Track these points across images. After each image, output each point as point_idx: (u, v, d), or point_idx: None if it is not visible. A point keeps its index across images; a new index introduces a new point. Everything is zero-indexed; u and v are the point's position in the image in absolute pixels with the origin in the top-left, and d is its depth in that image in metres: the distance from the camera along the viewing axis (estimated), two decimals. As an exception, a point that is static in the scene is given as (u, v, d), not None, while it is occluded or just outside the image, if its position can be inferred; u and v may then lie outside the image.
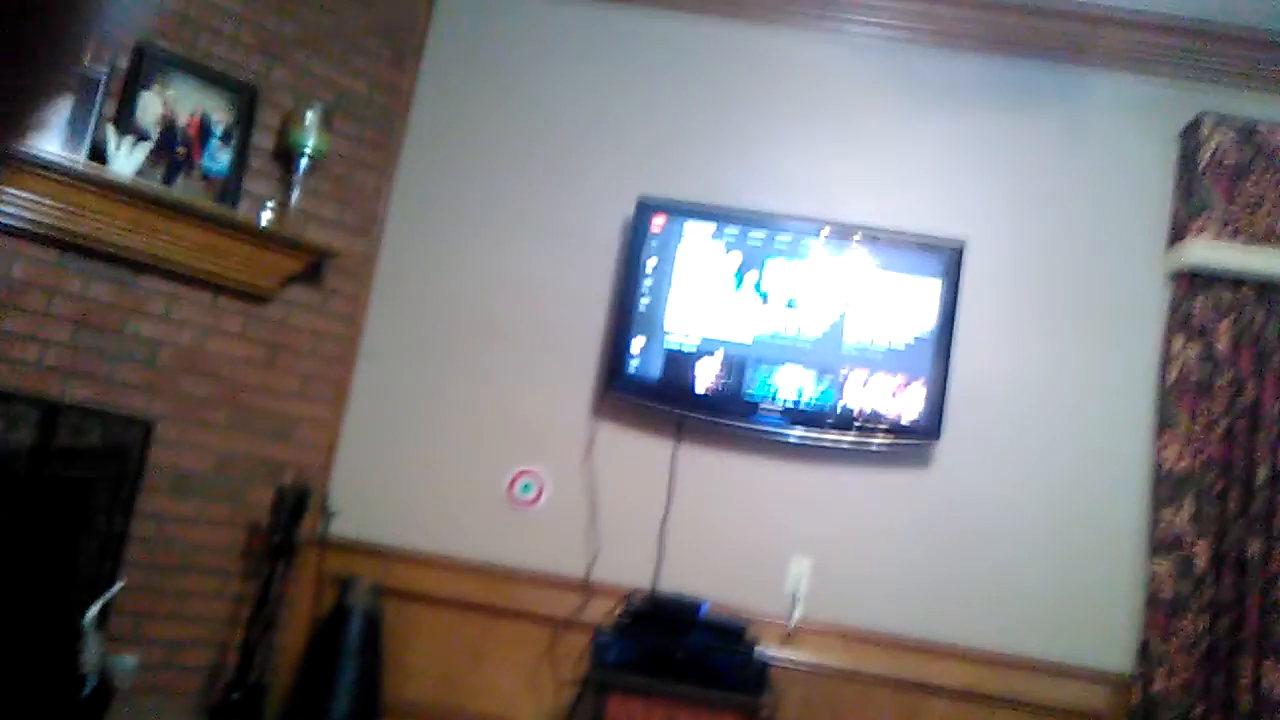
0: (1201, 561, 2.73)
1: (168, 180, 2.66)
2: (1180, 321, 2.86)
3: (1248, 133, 2.85)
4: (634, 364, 2.89)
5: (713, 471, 2.95)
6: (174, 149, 2.69)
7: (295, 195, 2.86)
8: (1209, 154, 2.86)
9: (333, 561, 2.92)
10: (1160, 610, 2.74)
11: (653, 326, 2.89)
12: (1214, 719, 2.68)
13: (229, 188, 2.77)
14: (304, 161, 2.85)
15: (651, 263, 2.92)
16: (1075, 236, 2.99)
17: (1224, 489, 2.77)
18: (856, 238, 2.88)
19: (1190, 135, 2.95)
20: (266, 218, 2.77)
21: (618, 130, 3.10)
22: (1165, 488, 2.80)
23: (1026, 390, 2.94)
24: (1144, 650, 2.75)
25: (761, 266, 2.88)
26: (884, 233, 2.90)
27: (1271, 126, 2.85)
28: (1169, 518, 2.77)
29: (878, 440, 2.83)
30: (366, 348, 3.09)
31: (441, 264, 3.12)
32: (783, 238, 2.89)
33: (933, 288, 2.85)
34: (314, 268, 2.92)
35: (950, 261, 2.86)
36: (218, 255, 2.69)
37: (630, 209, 2.97)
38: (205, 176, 2.74)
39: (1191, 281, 2.86)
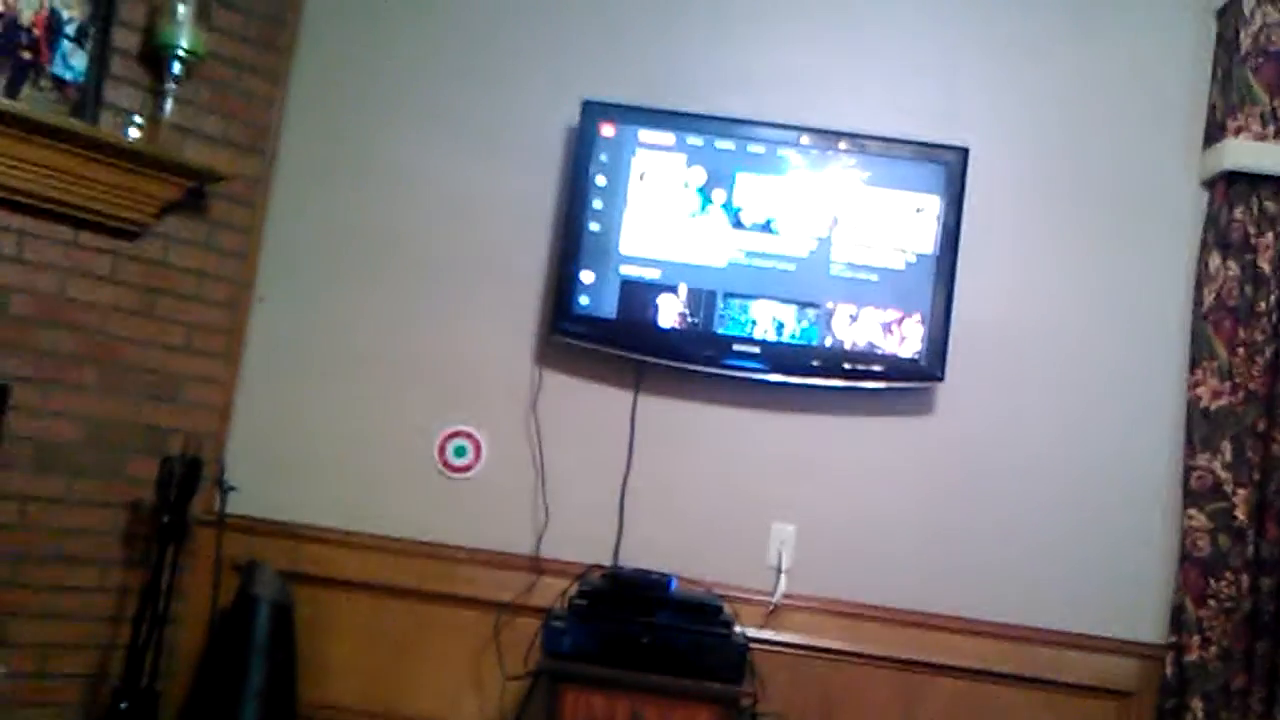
0: (1242, 513, 2.76)
1: (10, 91, 2.59)
2: (1217, 236, 2.86)
3: (1297, 12, 2.84)
4: (584, 299, 2.87)
5: (680, 425, 2.95)
6: (16, 52, 2.61)
7: (168, 107, 2.80)
8: (1251, 37, 2.85)
9: (233, 544, 2.90)
10: (1195, 570, 2.77)
11: (605, 254, 2.87)
12: (1256, 691, 2.72)
13: (87, 98, 2.70)
14: (177, 65, 2.79)
15: (601, 179, 2.89)
16: (1094, 139, 2.99)
17: (1267, 429, 2.79)
18: (842, 146, 2.87)
19: (1229, 14, 2.93)
20: (134, 134, 2.71)
21: (558, 18, 3.06)
22: (1200, 429, 2.82)
23: (1041, 321, 2.95)
24: (1177, 616, 2.79)
25: (731, 182, 2.86)
26: (874, 140, 2.88)
27: (1324, 4, 2.84)
28: (1205, 463, 2.80)
29: (870, 383, 2.85)
30: (262, 288, 3.05)
31: (350, 185, 3.07)
32: (755, 148, 2.87)
33: (931, 204, 2.85)
34: (195, 195, 2.86)
35: (951, 172, 2.85)
36: (76, 182, 2.62)
37: (575, 114, 2.92)
38: (57, 85, 2.67)
39: (1230, 188, 2.85)
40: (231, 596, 2.83)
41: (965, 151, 2.88)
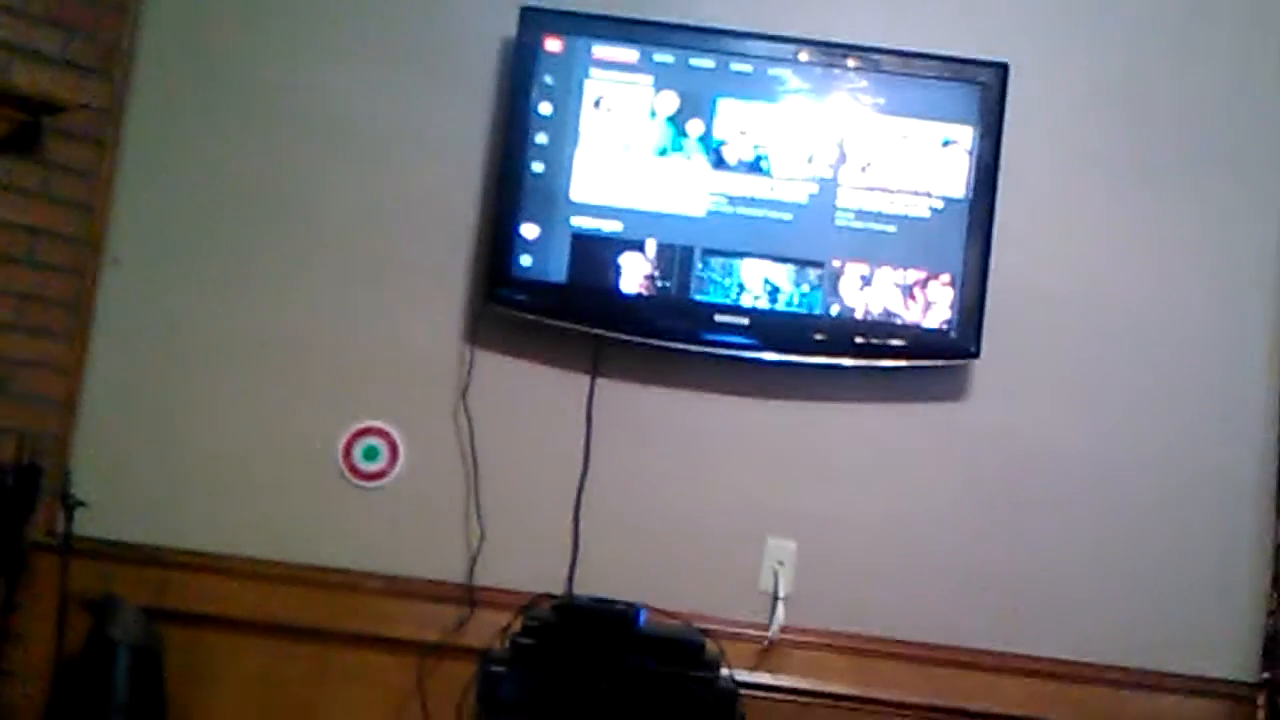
0: (1352, 521, 2.67)
1: None
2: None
3: None
4: (525, 259, 2.76)
5: (648, 416, 2.84)
6: None
7: (-12, 16, 2.62)
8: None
9: (82, 575, 2.73)
10: (1295, 592, 2.67)
11: (552, 203, 2.76)
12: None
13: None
14: (-2, -39, 2.59)
15: (545, 107, 2.76)
16: (1170, 49, 2.88)
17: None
18: (851, 64, 2.76)
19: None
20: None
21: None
22: (1301, 419, 2.71)
23: (1100, 283, 2.84)
24: (1271, 648, 2.71)
25: (711, 110, 2.75)
26: (890, 55, 2.77)
27: None
28: (1305, 462, 2.70)
29: (887, 361, 2.76)
30: (115, 249, 2.88)
31: (225, 118, 2.92)
32: (740, 66, 2.77)
33: (962, 135, 2.73)
34: (26, 130, 2.69)
35: (987, 96, 2.74)
36: None
37: (511, 25, 2.80)
38: None
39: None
40: (81, 641, 2.68)
41: (1004, 68, 2.75)
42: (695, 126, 2.73)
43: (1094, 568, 2.78)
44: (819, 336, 2.70)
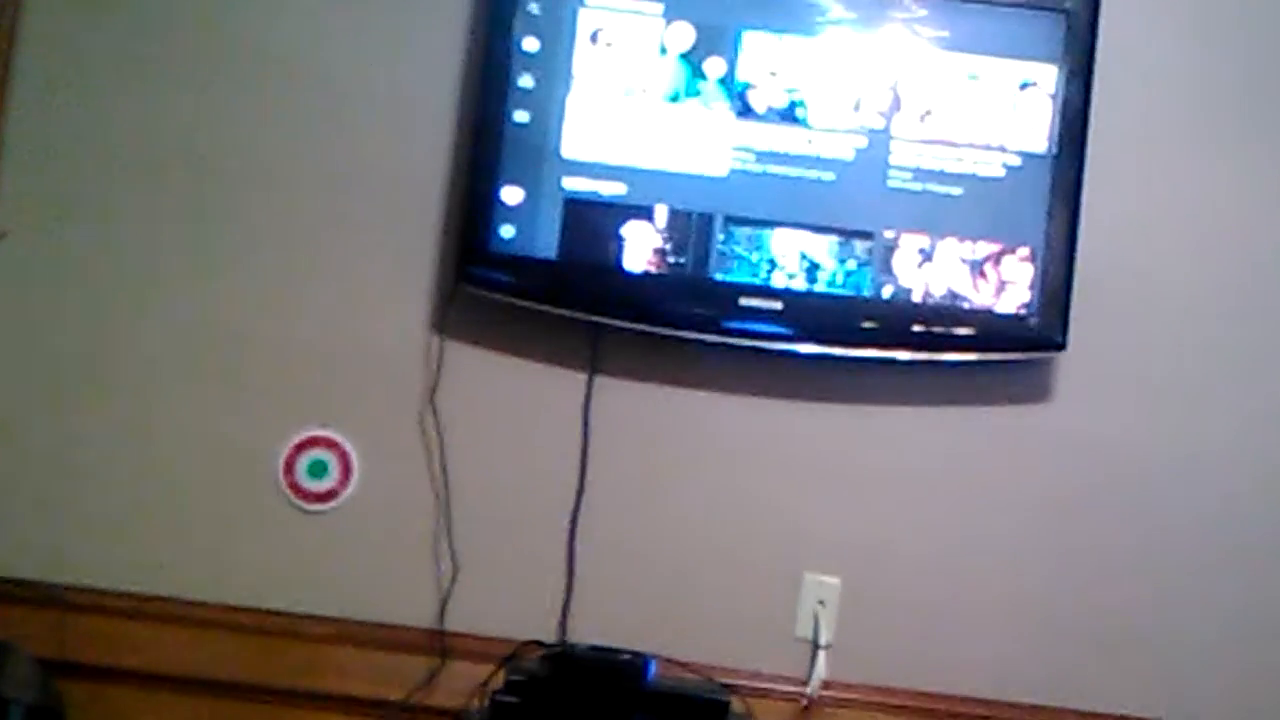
0: None
1: None
2: None
3: None
4: (506, 230, 2.53)
5: (657, 422, 2.63)
6: None
7: None
8: None
9: None
10: None
11: (539, 161, 2.53)
12: None
13: None
14: None
15: (531, 42, 2.53)
16: None
17: None
18: None
19: None
20: None
21: None
22: None
23: (1216, 260, 2.61)
24: None
25: (734, 47, 2.52)
26: None
27: None
28: None
29: (953, 354, 2.52)
30: (1, 220, 2.67)
31: (133, 64, 2.69)
32: None
33: (1045, 76, 2.49)
34: None
35: (1075, 27, 2.51)
36: None
37: None
38: None
39: None
40: (-37, 700, 2.48)
41: (1097, -2, 2.57)
42: (715, 66, 2.50)
43: (1203, 610, 2.55)
44: (868, 324, 2.48)
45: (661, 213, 2.48)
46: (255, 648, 2.55)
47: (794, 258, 2.47)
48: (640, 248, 2.50)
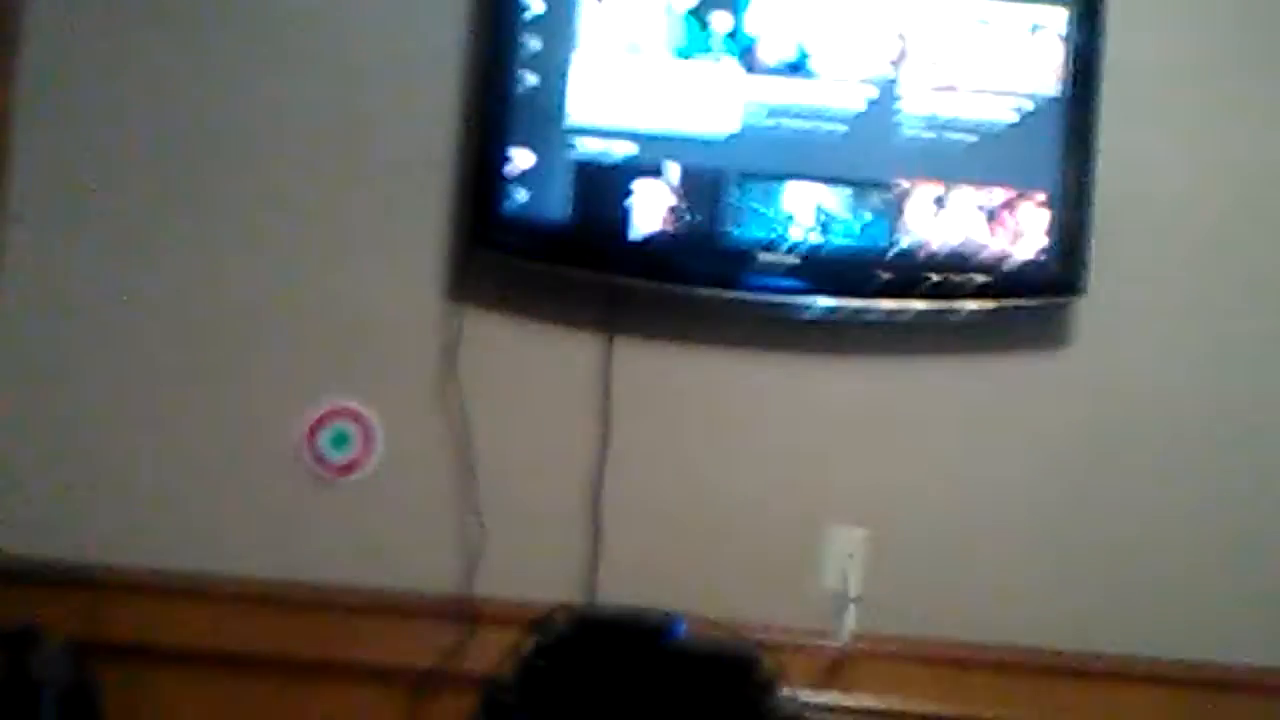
0: None
1: None
2: None
3: None
4: (519, 194, 2.51)
5: (678, 381, 2.62)
6: None
7: None
8: None
9: None
10: None
11: (548, 123, 2.51)
12: None
13: None
14: None
15: (537, 3, 2.52)
16: None
17: None
18: None
19: None
20: None
21: None
22: None
23: (1237, 200, 2.57)
24: None
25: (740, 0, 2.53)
26: None
27: None
28: None
29: (971, 303, 2.49)
30: (16, 205, 2.68)
31: (145, 38, 2.66)
32: None
33: (1055, 18, 2.47)
34: None
35: None
36: None
37: None
38: None
39: None
40: (-1, 680, 2.56)
41: (1112, -65, 2.55)
42: (722, 20, 2.47)
43: (1230, 554, 2.54)
44: (884, 276, 2.44)
45: (673, 171, 2.46)
46: (283, 621, 2.56)
47: (808, 211, 2.45)
48: (653, 207, 2.48)
